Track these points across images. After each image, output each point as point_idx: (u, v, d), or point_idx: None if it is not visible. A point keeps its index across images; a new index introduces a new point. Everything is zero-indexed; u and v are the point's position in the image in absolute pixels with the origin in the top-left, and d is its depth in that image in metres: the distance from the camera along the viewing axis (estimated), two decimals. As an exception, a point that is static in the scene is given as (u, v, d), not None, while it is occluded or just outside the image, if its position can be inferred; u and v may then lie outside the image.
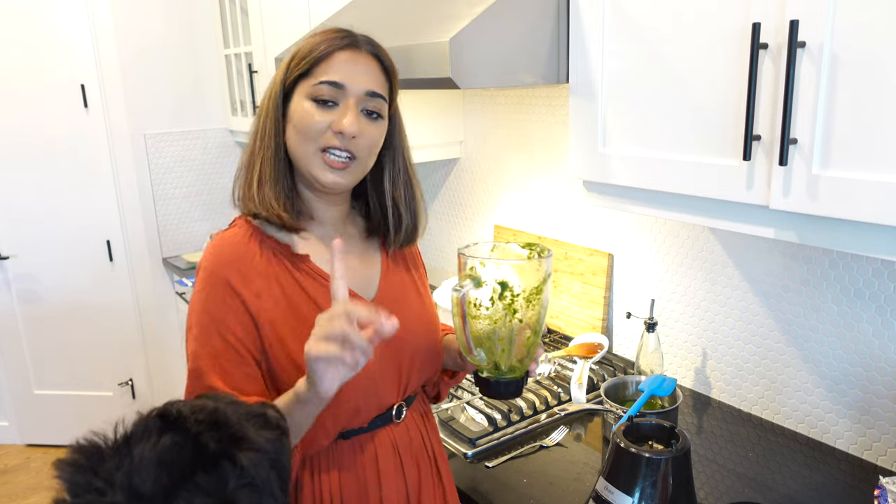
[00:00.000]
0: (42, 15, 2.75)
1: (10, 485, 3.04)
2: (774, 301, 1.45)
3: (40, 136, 2.90)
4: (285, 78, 1.00)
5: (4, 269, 3.06)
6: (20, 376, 3.22)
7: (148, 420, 0.65)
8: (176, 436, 0.62)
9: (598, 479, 1.11)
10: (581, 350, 1.73)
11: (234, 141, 3.18)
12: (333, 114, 0.97)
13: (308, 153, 0.98)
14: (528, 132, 2.00)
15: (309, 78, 0.98)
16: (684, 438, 1.07)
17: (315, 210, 1.05)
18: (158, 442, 0.62)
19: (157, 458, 0.61)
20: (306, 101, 0.97)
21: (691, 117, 1.11)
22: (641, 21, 1.16)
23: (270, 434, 0.67)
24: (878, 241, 0.92)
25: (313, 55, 0.97)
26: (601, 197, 1.34)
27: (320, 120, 0.96)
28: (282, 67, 1.01)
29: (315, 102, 0.97)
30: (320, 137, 0.97)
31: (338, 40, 0.98)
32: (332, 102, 0.97)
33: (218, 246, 1.01)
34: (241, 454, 0.63)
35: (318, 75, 0.97)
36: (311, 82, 0.97)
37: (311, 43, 0.99)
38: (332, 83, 0.96)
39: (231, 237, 1.02)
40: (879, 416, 1.31)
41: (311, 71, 0.98)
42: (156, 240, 3.06)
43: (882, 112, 0.87)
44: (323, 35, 1.00)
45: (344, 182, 0.99)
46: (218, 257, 0.99)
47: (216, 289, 0.98)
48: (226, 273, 0.98)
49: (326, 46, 0.98)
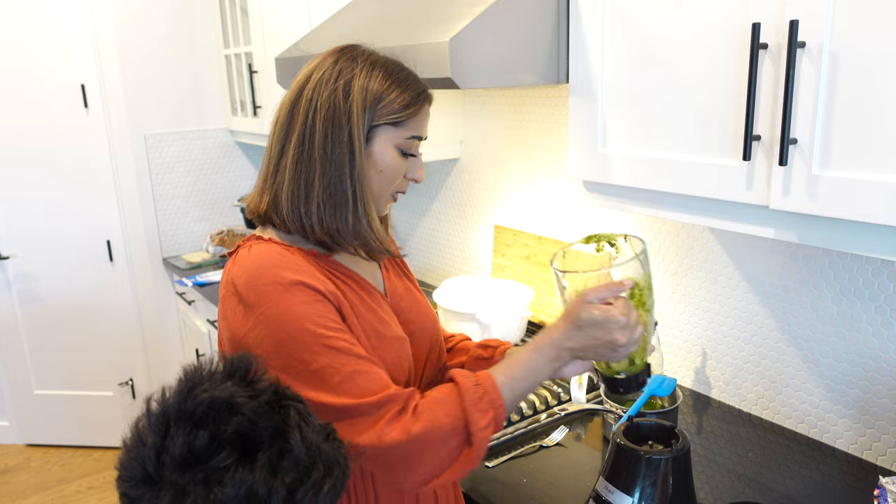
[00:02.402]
0: (42, 15, 2.75)
1: (10, 485, 3.04)
2: (774, 301, 1.45)
3: (41, 137, 2.90)
4: (371, 119, 0.98)
5: (4, 269, 3.06)
6: (20, 376, 3.22)
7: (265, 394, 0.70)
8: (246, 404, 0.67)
9: (598, 479, 1.11)
10: (581, 350, 1.73)
11: (234, 141, 3.18)
12: (410, 161, 1.03)
13: (384, 195, 1.03)
14: (528, 132, 2.00)
15: (400, 129, 1.00)
16: (684, 438, 1.07)
17: None
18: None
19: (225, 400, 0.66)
20: (394, 150, 1.00)
21: (691, 117, 1.11)
22: (641, 21, 1.16)
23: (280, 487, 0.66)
24: (877, 241, 0.92)
25: (409, 111, 0.99)
26: (601, 197, 1.34)
27: (402, 169, 1.02)
28: (358, 104, 0.97)
29: (401, 153, 1.01)
30: (397, 182, 1.03)
31: (424, 92, 1.02)
32: (412, 153, 1.03)
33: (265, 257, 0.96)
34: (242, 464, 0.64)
35: (410, 129, 1.00)
36: (402, 134, 1.00)
37: (404, 91, 0.99)
38: (419, 138, 1.03)
39: (267, 249, 0.98)
40: (879, 416, 1.31)
41: (404, 124, 1.00)
42: (156, 240, 3.06)
43: (882, 112, 0.87)
44: (411, 81, 1.01)
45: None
46: (273, 266, 0.95)
47: (296, 293, 0.93)
48: (293, 277, 0.94)
49: (421, 101, 1.01)
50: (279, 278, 0.92)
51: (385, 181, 1.01)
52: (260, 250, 0.97)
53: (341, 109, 0.96)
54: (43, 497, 2.94)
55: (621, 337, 0.93)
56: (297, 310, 0.91)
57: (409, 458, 0.90)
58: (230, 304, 0.96)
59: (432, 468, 0.91)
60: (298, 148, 0.98)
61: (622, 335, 0.93)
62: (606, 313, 0.93)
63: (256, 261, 0.95)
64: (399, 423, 0.90)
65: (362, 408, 0.90)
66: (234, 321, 0.94)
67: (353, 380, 0.90)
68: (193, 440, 0.64)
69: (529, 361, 0.96)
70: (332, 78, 0.98)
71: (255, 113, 2.76)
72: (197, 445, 0.64)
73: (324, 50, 1.04)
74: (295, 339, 0.90)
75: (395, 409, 0.91)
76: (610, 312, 0.93)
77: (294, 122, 0.99)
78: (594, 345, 0.94)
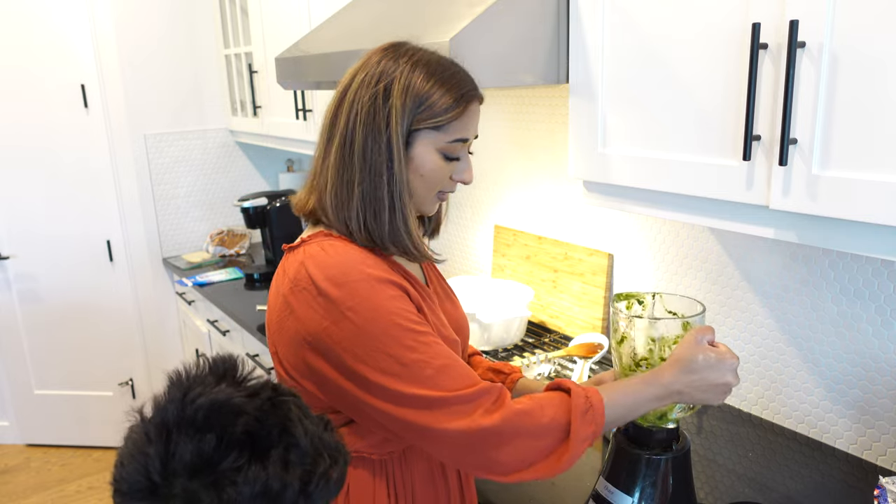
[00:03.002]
0: (42, 15, 2.75)
1: (10, 485, 3.04)
2: (774, 301, 1.45)
3: (41, 137, 2.90)
4: (410, 124, 0.96)
5: (4, 269, 3.06)
6: (20, 376, 3.22)
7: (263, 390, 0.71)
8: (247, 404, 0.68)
9: (598, 479, 1.11)
10: (581, 350, 1.73)
11: (234, 141, 3.18)
12: (455, 164, 1.01)
13: (427, 197, 1.02)
14: (528, 132, 2.00)
15: (441, 133, 0.97)
16: (684, 438, 1.07)
17: None
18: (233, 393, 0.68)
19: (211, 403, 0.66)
20: (436, 154, 0.98)
21: (691, 117, 1.11)
22: (641, 21, 1.16)
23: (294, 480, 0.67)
24: (877, 241, 0.92)
25: (450, 115, 0.96)
26: (601, 197, 1.34)
27: (447, 171, 1.01)
28: (397, 109, 0.95)
29: (444, 156, 0.99)
30: (443, 183, 1.02)
31: (469, 93, 0.99)
32: (457, 156, 1.01)
33: (346, 253, 0.97)
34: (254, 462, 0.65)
35: (451, 132, 0.98)
36: (444, 138, 0.98)
37: (447, 94, 0.96)
38: (463, 140, 1.00)
39: (345, 246, 0.98)
40: (879, 416, 1.31)
41: (446, 127, 0.97)
42: (156, 240, 3.06)
43: (882, 112, 0.87)
44: (454, 83, 0.98)
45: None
46: (358, 262, 0.95)
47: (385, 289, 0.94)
48: (378, 273, 0.95)
49: (464, 104, 0.98)
50: (365, 274, 0.93)
51: (428, 185, 1.00)
52: (337, 247, 0.97)
53: (381, 114, 0.96)
54: (43, 497, 2.94)
55: (733, 378, 0.95)
56: (387, 305, 0.92)
57: (500, 443, 0.91)
58: (304, 299, 0.95)
59: (521, 458, 0.92)
60: (340, 151, 0.98)
61: (734, 377, 0.95)
62: (721, 356, 0.95)
63: (338, 257, 0.95)
64: (496, 411, 0.91)
65: (457, 399, 0.91)
66: (310, 316, 0.94)
67: (446, 372, 0.92)
68: (201, 445, 0.64)
69: (636, 394, 0.97)
70: (374, 80, 0.97)
71: (255, 113, 2.76)
72: (206, 449, 0.64)
73: (323, 50, 1.04)
74: (386, 334, 0.91)
75: (489, 400, 0.92)
76: (724, 355, 0.95)
77: (337, 123, 0.99)
78: (704, 386, 0.95)
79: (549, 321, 2.00)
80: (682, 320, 1.04)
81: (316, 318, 0.94)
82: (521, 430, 0.91)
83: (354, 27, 1.68)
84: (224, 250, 3.07)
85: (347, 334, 0.92)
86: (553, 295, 1.98)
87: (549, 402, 0.94)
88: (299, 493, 0.66)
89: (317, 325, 0.94)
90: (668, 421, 1.05)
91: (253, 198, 2.76)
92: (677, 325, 1.04)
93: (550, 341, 1.91)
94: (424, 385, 0.91)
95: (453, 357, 0.95)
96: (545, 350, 1.85)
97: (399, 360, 0.91)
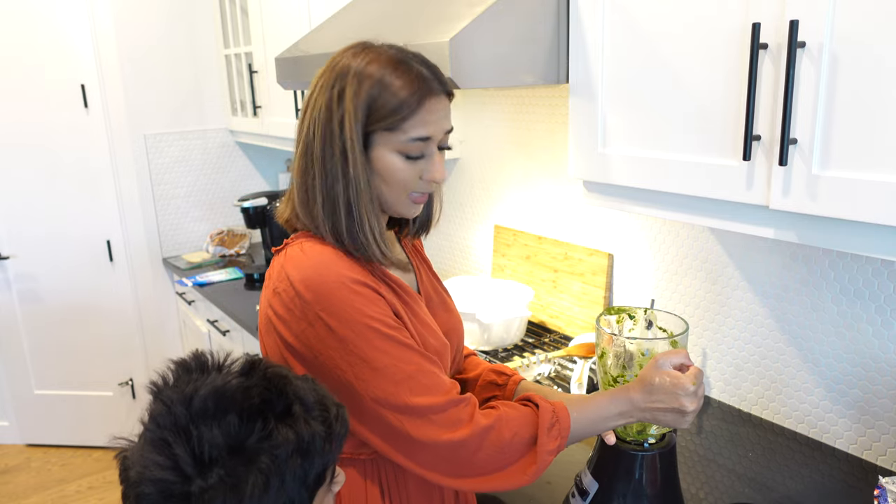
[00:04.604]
0: (42, 15, 2.75)
1: (10, 485, 3.04)
2: (774, 301, 1.45)
3: (41, 137, 2.90)
4: (365, 128, 0.94)
5: (4, 269, 3.06)
6: (20, 376, 3.22)
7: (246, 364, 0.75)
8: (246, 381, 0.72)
9: (583, 471, 1.13)
10: (581, 350, 1.73)
11: (234, 141, 3.18)
12: (421, 163, 0.98)
13: (399, 199, 1.00)
14: (528, 132, 2.00)
15: (396, 133, 0.94)
16: (670, 435, 1.09)
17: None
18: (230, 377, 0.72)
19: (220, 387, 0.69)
20: (394, 156, 0.96)
21: (691, 117, 1.11)
22: (641, 21, 1.16)
23: (319, 428, 0.72)
24: (877, 241, 0.92)
25: (402, 114, 0.93)
26: (601, 197, 1.34)
27: (411, 172, 0.97)
28: (351, 112, 0.93)
29: (404, 157, 0.96)
30: (411, 184, 0.98)
31: (422, 90, 0.94)
32: (422, 154, 0.97)
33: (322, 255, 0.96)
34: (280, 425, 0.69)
35: (406, 131, 0.94)
36: (399, 138, 0.94)
37: (395, 95, 0.93)
38: (423, 139, 0.95)
39: (322, 248, 0.97)
40: (879, 416, 1.31)
41: (399, 127, 0.94)
42: (156, 240, 3.06)
43: (882, 112, 0.87)
44: (403, 81, 0.93)
45: (421, 208, 1.04)
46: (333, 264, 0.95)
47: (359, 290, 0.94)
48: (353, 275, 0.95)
49: (416, 101, 0.93)
50: (341, 276, 0.93)
51: (394, 188, 0.98)
52: (315, 249, 0.97)
53: (335, 118, 0.95)
54: (43, 497, 2.94)
55: (689, 404, 0.95)
56: (361, 308, 0.92)
57: (465, 455, 0.92)
58: (283, 301, 0.95)
59: (482, 470, 0.93)
60: (302, 157, 0.98)
61: (690, 402, 0.95)
62: (676, 380, 0.96)
63: (315, 258, 0.95)
64: (463, 424, 0.92)
65: (427, 408, 0.92)
66: (289, 318, 0.94)
67: (416, 379, 0.92)
68: (226, 426, 0.67)
69: (602, 409, 0.99)
70: (331, 83, 0.96)
71: (255, 113, 2.76)
72: (231, 429, 0.67)
73: (323, 50, 1.04)
74: (359, 337, 0.91)
75: (458, 411, 0.93)
76: (680, 380, 0.96)
77: (301, 130, 1.00)
78: (662, 409, 0.96)
79: (549, 321, 2.00)
80: (656, 340, 1.08)
81: (294, 320, 0.94)
82: (486, 444, 0.93)
83: (354, 27, 1.68)
84: (224, 250, 3.07)
85: (321, 336, 0.92)
86: (553, 295, 1.98)
87: (515, 416, 0.96)
88: (325, 438, 0.71)
89: (295, 326, 0.94)
90: (647, 436, 1.07)
91: (253, 198, 2.76)
92: (664, 343, 1.07)
93: (550, 341, 1.91)
94: (395, 390, 0.92)
95: (427, 364, 0.95)
96: (545, 350, 1.85)
97: (370, 363, 0.91)
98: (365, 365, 0.91)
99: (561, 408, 0.97)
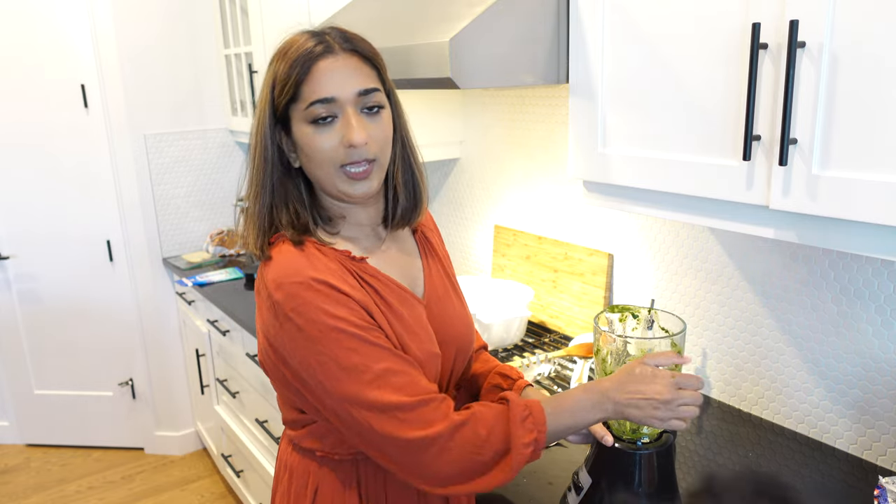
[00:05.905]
0: (42, 15, 2.75)
1: (10, 485, 3.04)
2: (774, 301, 1.45)
3: (41, 136, 2.90)
4: (275, 108, 0.97)
5: (4, 269, 3.06)
6: (20, 376, 3.22)
7: None
8: None
9: (580, 467, 1.13)
10: (581, 350, 1.73)
11: (234, 141, 3.18)
12: (337, 129, 0.95)
13: (329, 174, 0.97)
14: (528, 132, 2.00)
15: (298, 102, 0.94)
16: (667, 435, 1.10)
17: (353, 215, 1.05)
18: None
19: None
20: (305, 126, 0.95)
21: (691, 117, 1.11)
22: (641, 21, 1.16)
23: None
24: (877, 241, 0.92)
25: (293, 79, 0.93)
26: (601, 197, 1.34)
27: (327, 140, 0.95)
28: (264, 97, 0.97)
29: (314, 125, 0.94)
30: (335, 155, 0.95)
31: (311, 51, 0.94)
32: (330, 118, 0.95)
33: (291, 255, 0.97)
34: None
35: (305, 97, 0.94)
36: (301, 106, 0.94)
37: (287, 64, 0.94)
38: (323, 100, 0.93)
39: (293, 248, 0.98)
40: (879, 416, 1.31)
41: (298, 94, 0.94)
42: (156, 240, 3.06)
43: (882, 112, 0.87)
44: (295, 50, 0.95)
45: (374, 186, 0.99)
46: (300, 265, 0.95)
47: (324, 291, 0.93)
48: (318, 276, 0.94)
49: (303, 63, 0.93)
50: (308, 277, 0.93)
51: (317, 162, 0.96)
52: (288, 249, 0.97)
53: (260, 106, 0.99)
54: (43, 497, 2.94)
55: (667, 392, 0.95)
56: (326, 308, 0.92)
57: (437, 454, 0.91)
58: (261, 302, 0.98)
59: (458, 470, 0.92)
60: (251, 152, 1.02)
61: (668, 391, 0.95)
62: (656, 370, 0.97)
63: (284, 260, 0.96)
64: (436, 422, 0.92)
65: (398, 406, 0.91)
66: (266, 319, 0.96)
67: (386, 378, 0.92)
68: None
69: (574, 402, 0.98)
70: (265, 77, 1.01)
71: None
72: None
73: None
74: (327, 337, 0.92)
75: (430, 410, 0.92)
76: (662, 371, 0.96)
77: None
78: (638, 398, 0.96)
79: (549, 321, 2.00)
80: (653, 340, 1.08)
81: (270, 321, 0.96)
82: (460, 440, 0.92)
83: (354, 27, 1.67)
84: (224, 250, 3.07)
85: (292, 335, 0.93)
86: (553, 295, 1.98)
87: (489, 414, 0.96)
88: None
89: (271, 326, 0.96)
90: (641, 435, 1.08)
91: (253, 198, 2.75)
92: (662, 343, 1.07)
93: (550, 341, 1.91)
94: (362, 388, 0.91)
95: (398, 361, 0.94)
96: (545, 350, 1.85)
97: (339, 362, 0.92)
98: (334, 364, 0.92)
99: (534, 402, 0.97)
